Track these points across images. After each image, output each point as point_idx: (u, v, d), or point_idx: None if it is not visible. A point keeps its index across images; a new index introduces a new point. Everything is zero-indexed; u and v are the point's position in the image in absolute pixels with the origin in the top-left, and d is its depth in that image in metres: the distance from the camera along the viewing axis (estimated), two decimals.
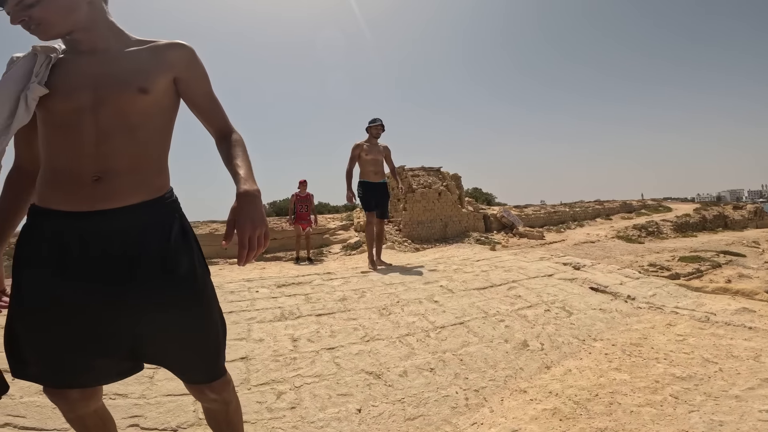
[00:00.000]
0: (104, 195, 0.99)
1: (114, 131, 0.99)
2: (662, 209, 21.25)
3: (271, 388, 2.00)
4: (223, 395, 1.16)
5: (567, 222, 16.22)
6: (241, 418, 1.31)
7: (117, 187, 1.00)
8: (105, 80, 1.00)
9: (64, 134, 0.98)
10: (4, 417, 1.69)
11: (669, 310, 3.01)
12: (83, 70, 1.00)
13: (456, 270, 4.43)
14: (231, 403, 1.21)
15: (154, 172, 1.08)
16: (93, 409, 1.15)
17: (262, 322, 2.82)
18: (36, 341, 0.99)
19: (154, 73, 1.04)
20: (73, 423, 1.16)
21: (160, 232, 1.05)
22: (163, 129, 1.11)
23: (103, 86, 0.99)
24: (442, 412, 1.83)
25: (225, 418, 1.23)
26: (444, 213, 10.69)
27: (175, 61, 1.09)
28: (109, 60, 1.03)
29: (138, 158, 1.03)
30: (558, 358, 2.31)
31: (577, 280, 3.89)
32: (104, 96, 0.99)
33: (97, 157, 0.98)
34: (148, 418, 1.74)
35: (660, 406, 1.75)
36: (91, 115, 0.97)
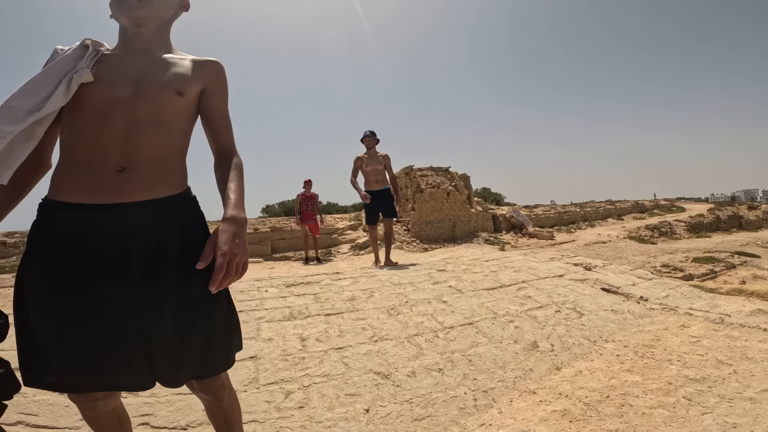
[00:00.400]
0: (128, 187, 1.01)
1: (145, 125, 1.04)
2: (675, 209, 20.95)
3: (279, 388, 2.00)
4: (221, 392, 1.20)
5: (577, 222, 16.07)
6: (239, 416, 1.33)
7: (141, 179, 1.03)
8: (147, 78, 1.07)
9: (95, 123, 1.00)
10: (17, 415, 1.71)
11: (683, 311, 2.96)
12: (128, 66, 1.07)
13: (465, 270, 4.41)
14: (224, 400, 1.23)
15: (174, 168, 1.12)
16: (111, 408, 1.16)
17: (271, 322, 2.83)
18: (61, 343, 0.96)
19: (190, 81, 1.13)
20: (90, 421, 1.14)
21: (182, 229, 1.07)
22: (186, 131, 1.16)
23: (145, 83, 1.06)
24: (450, 413, 1.81)
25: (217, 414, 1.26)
26: (452, 213, 10.65)
27: (208, 74, 1.18)
28: (154, 62, 1.11)
29: (162, 152, 1.07)
30: (568, 359, 2.28)
31: (588, 280, 3.85)
32: (144, 91, 1.05)
33: (125, 148, 1.01)
34: (158, 416, 1.75)
35: (673, 407, 1.72)
36: (127, 107, 1.02)
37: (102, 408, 1.11)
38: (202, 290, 1.03)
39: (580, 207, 18.39)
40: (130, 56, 1.09)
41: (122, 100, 1.02)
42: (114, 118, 1.00)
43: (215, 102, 1.20)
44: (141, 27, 1.11)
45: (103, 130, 1.00)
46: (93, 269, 0.96)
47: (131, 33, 1.11)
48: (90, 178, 0.98)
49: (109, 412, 1.16)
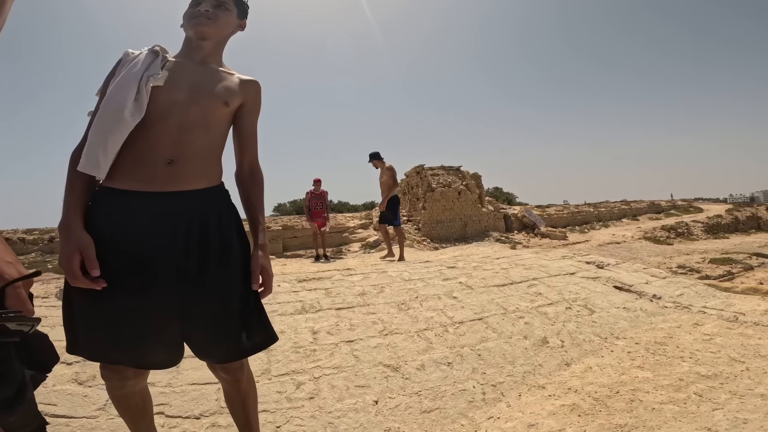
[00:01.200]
0: (174, 178, 1.13)
1: (194, 126, 1.17)
2: (693, 210, 20.57)
3: (291, 379, 2.04)
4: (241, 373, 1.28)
5: (591, 222, 15.88)
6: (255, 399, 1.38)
7: (186, 172, 1.15)
8: (201, 87, 1.21)
9: (155, 121, 1.11)
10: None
11: (696, 309, 2.93)
12: (187, 74, 1.21)
13: (475, 267, 4.41)
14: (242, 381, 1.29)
15: (213, 164, 1.25)
16: (139, 388, 1.24)
17: (284, 315, 2.87)
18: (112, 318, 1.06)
19: (235, 94, 1.27)
20: (117, 401, 1.21)
21: (218, 218, 1.20)
22: (224, 135, 1.30)
23: (199, 91, 1.20)
24: (458, 406, 1.83)
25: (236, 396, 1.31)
26: (464, 212, 10.61)
27: (249, 91, 1.32)
28: (209, 73, 1.26)
29: (204, 150, 1.20)
30: (578, 355, 2.28)
31: (600, 278, 3.82)
32: (198, 98, 1.18)
33: (175, 143, 1.13)
34: (173, 406, 1.79)
35: (683, 403, 1.71)
36: (182, 109, 1.15)
37: (131, 387, 1.19)
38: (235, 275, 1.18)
39: (594, 207, 18.15)
40: (189, 65, 1.23)
41: (179, 104, 1.15)
42: (170, 117, 1.13)
43: (249, 117, 1.34)
44: (203, 41, 1.25)
45: (159, 127, 1.12)
46: (142, 251, 1.07)
47: (194, 45, 1.26)
48: (143, 168, 1.10)
49: (136, 393, 1.23)
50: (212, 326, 1.15)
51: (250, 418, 1.34)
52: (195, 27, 1.23)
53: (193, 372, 2.02)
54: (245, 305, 1.18)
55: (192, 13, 1.23)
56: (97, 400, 1.81)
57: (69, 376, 2.04)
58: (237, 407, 1.32)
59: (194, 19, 1.22)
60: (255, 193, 1.33)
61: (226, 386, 1.30)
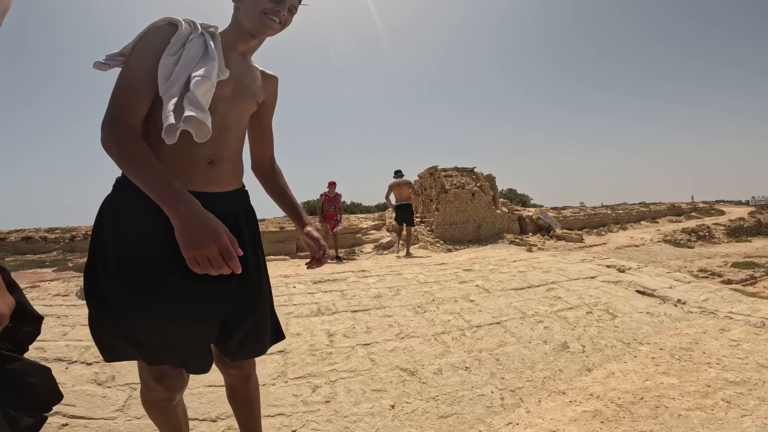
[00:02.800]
0: (213, 178, 1.09)
1: (232, 125, 1.13)
2: (714, 212, 20.08)
3: (307, 382, 2.03)
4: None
5: (608, 225, 15.60)
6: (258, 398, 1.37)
7: (223, 172, 1.12)
8: (242, 84, 1.14)
9: None
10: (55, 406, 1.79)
11: (722, 315, 2.84)
12: (232, 68, 1.10)
13: (492, 270, 4.36)
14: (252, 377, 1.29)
15: (241, 164, 1.22)
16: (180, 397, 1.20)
17: (300, 317, 2.87)
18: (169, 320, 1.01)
19: (262, 92, 1.23)
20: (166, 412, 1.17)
21: (246, 218, 1.20)
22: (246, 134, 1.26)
23: (242, 88, 1.14)
24: (476, 411, 1.79)
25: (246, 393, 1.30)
26: (477, 214, 10.52)
27: (270, 87, 1.28)
28: (248, 69, 1.19)
29: (236, 150, 1.17)
30: (600, 360, 2.22)
31: (622, 282, 3.73)
32: (239, 95, 1.13)
33: (216, 143, 1.07)
34: (190, 408, 1.79)
35: (710, 410, 1.66)
36: (226, 106, 1.09)
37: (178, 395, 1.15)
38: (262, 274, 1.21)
39: (611, 209, 17.84)
40: (234, 57, 1.13)
41: (224, 100, 1.08)
42: (215, 114, 1.04)
43: (269, 114, 1.32)
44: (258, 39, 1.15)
45: None
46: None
47: (244, 38, 1.13)
48: (185, 166, 1.04)
49: (180, 403, 1.22)
50: (253, 324, 1.17)
51: (256, 416, 1.34)
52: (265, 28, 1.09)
53: (210, 374, 2.02)
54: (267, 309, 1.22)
55: (270, 9, 1.07)
56: (116, 401, 1.83)
57: (88, 376, 2.06)
58: (243, 405, 1.30)
59: (269, 20, 1.08)
60: (284, 182, 1.37)
61: (235, 382, 1.28)
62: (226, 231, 0.89)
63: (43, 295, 3.64)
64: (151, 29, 1.00)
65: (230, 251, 0.87)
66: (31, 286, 3.99)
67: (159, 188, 0.88)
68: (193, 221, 0.86)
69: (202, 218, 0.87)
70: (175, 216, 0.86)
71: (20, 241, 10.00)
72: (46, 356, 2.26)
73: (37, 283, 4.20)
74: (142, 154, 0.91)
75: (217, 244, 0.86)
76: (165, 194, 0.87)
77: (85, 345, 2.40)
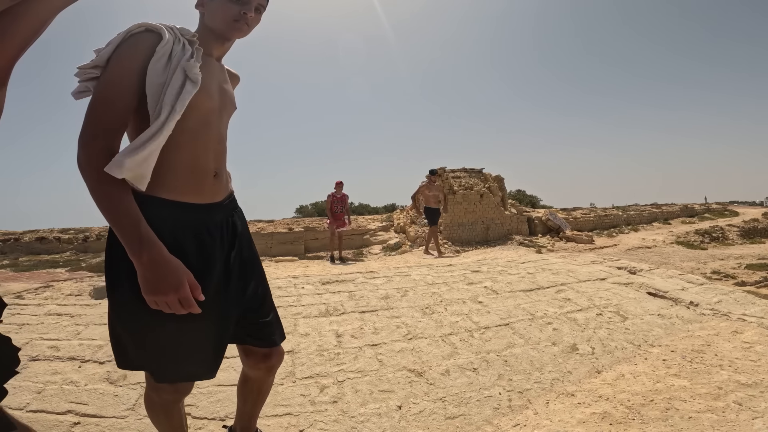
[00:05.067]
0: (218, 189, 1.11)
1: (224, 134, 1.14)
2: (728, 213, 19.74)
3: (315, 382, 2.04)
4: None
5: (620, 226, 15.41)
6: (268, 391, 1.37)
7: (222, 182, 1.13)
8: (225, 92, 1.13)
9: (202, 130, 1.03)
10: (67, 404, 1.81)
11: (736, 317, 2.79)
12: (216, 76, 1.10)
13: (500, 271, 4.34)
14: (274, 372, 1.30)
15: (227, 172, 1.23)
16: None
17: (308, 318, 2.89)
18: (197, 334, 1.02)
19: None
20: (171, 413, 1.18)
21: (242, 221, 1.23)
22: None
23: (225, 95, 1.13)
24: (483, 413, 1.79)
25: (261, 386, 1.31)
26: (486, 215, 10.46)
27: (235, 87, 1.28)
28: (224, 74, 1.17)
29: (226, 159, 1.17)
30: (610, 362, 2.20)
31: (633, 284, 3.69)
32: (226, 103, 1.13)
33: (217, 154, 1.09)
34: (199, 407, 1.81)
35: (722, 412, 1.64)
36: (218, 117, 1.09)
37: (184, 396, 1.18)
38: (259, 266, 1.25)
39: (622, 210, 17.62)
40: (213, 64, 1.09)
41: (215, 111, 1.08)
42: (211, 126, 1.06)
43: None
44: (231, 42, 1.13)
45: (207, 138, 1.05)
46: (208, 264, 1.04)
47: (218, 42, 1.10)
48: (194, 180, 1.03)
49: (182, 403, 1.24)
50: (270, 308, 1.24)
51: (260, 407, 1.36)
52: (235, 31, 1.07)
53: (219, 374, 2.04)
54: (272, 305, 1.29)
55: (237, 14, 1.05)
56: (126, 399, 1.85)
57: (101, 375, 2.09)
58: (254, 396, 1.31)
59: (237, 23, 1.06)
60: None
61: (258, 376, 1.26)
62: (189, 277, 0.90)
63: (57, 294, 3.70)
64: (127, 38, 0.91)
65: (189, 300, 0.88)
66: (45, 286, 4.05)
67: (127, 229, 0.85)
68: (154, 272, 0.85)
69: (164, 268, 0.86)
70: (137, 263, 0.86)
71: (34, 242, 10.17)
72: (59, 355, 2.30)
73: (50, 282, 4.26)
74: (116, 186, 0.85)
75: (177, 295, 0.87)
76: (132, 238, 0.85)
77: (98, 344, 2.44)
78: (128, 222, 0.85)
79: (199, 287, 0.91)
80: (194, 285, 0.91)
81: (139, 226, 0.86)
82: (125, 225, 0.85)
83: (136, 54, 0.91)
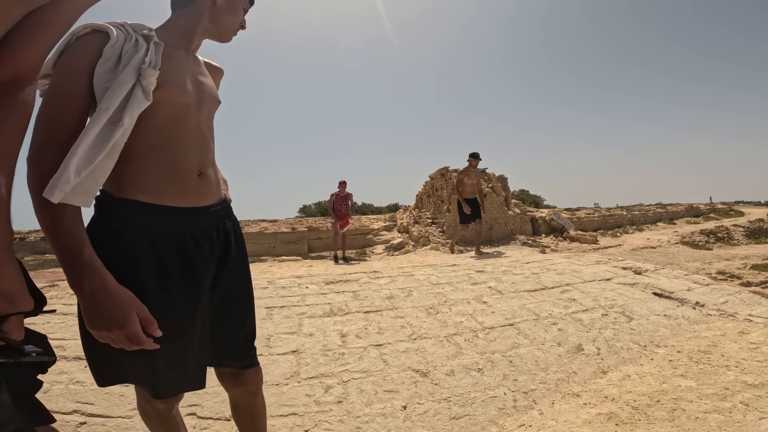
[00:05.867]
0: (205, 191, 1.04)
1: (205, 131, 1.06)
2: (733, 213, 19.63)
3: (319, 382, 2.04)
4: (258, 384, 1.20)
5: (624, 226, 15.36)
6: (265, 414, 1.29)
7: (211, 183, 1.06)
8: (204, 84, 1.07)
9: (179, 127, 0.97)
10: (73, 404, 1.81)
11: (742, 317, 2.77)
12: (189, 69, 1.03)
13: (504, 272, 4.33)
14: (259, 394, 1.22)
15: (218, 173, 1.16)
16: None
17: (312, 317, 2.89)
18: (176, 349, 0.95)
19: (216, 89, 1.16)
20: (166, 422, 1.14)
21: (233, 230, 1.14)
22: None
23: (204, 89, 1.06)
24: (488, 413, 1.78)
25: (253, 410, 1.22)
26: (489, 215, 10.44)
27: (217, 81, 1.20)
28: (200, 66, 1.11)
29: (213, 158, 1.11)
30: (616, 363, 2.19)
31: (638, 285, 3.68)
32: (205, 98, 1.06)
33: (200, 151, 1.02)
34: (204, 407, 1.81)
35: (728, 412, 1.63)
36: (196, 113, 1.02)
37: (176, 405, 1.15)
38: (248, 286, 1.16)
39: (627, 210, 17.55)
40: (186, 58, 1.03)
41: (192, 106, 1.00)
42: (190, 123, 0.99)
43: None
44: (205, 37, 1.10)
45: (184, 134, 0.98)
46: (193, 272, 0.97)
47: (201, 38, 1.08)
48: (176, 180, 0.96)
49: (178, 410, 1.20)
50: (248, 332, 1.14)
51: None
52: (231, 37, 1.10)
53: None
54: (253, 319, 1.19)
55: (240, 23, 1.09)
56: (132, 399, 1.86)
57: None
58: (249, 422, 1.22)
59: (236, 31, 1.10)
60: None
61: (242, 400, 1.20)
62: (141, 311, 0.81)
63: (62, 294, 3.72)
64: (71, 41, 0.83)
65: (138, 337, 0.79)
66: (50, 285, 4.07)
67: (65, 254, 0.76)
68: (95, 305, 0.76)
69: (107, 301, 0.77)
70: (77, 293, 0.77)
71: (40, 241, 10.24)
72: (65, 354, 2.31)
73: (55, 282, 4.29)
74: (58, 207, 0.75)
75: (124, 331, 0.78)
76: (71, 264, 0.76)
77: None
78: (68, 245, 0.76)
79: (154, 323, 0.82)
80: (147, 320, 0.81)
81: (81, 251, 0.77)
82: (64, 248, 0.76)
83: (81, 57, 0.82)
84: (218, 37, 1.10)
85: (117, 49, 0.85)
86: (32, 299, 0.65)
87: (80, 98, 0.81)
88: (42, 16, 0.62)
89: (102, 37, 0.84)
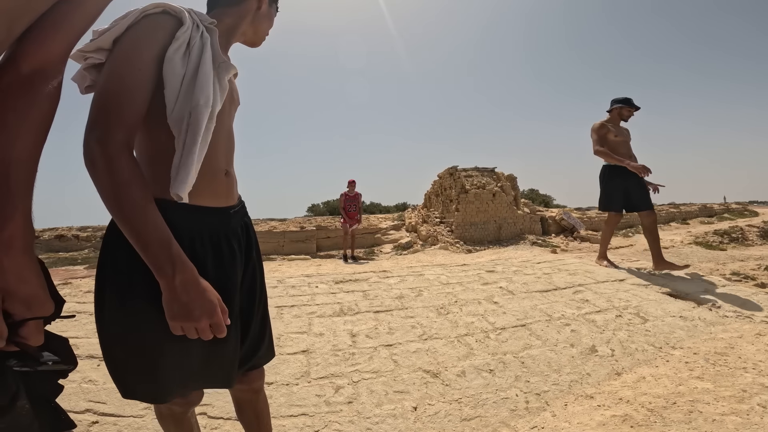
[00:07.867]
0: (231, 190, 1.05)
1: (231, 131, 1.07)
2: (748, 213, 19.28)
3: (329, 382, 2.03)
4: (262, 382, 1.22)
5: (635, 226, 15.17)
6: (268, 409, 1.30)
7: (233, 183, 1.07)
8: (233, 84, 1.07)
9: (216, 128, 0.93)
10: (86, 403, 1.83)
11: (759, 319, 2.71)
12: None
13: (515, 272, 4.29)
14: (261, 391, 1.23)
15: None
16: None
17: (322, 317, 2.89)
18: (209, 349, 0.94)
19: None
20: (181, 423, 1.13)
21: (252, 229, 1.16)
22: None
23: (233, 89, 1.06)
24: (500, 414, 1.76)
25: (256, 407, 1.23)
26: (498, 214, 10.37)
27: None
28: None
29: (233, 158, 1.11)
30: (630, 365, 2.15)
31: (652, 285, 3.62)
32: (234, 98, 1.06)
33: (227, 152, 1.02)
34: (215, 407, 1.81)
35: (746, 415, 1.60)
36: (226, 113, 1.00)
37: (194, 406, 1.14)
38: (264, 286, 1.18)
39: None
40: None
41: (224, 109, 0.98)
42: (224, 122, 0.98)
43: None
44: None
45: (219, 133, 0.96)
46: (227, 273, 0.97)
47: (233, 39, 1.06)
48: (208, 180, 0.94)
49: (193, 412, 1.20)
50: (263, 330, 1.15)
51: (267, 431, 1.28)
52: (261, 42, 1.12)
53: None
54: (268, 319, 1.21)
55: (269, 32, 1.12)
56: None
57: None
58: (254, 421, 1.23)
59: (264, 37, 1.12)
60: None
61: (245, 398, 1.21)
62: (220, 302, 0.82)
63: (75, 291, 3.76)
64: (141, 19, 0.80)
65: (221, 326, 0.80)
66: (64, 283, 4.13)
67: (155, 247, 0.74)
68: (188, 295, 0.76)
69: (198, 292, 0.77)
70: (168, 287, 0.75)
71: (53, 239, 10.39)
72: (78, 353, 2.33)
73: (69, 280, 4.34)
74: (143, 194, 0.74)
75: (211, 320, 0.78)
76: (162, 257, 0.74)
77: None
78: (157, 238, 0.74)
79: (227, 311, 0.83)
80: (224, 309, 0.82)
81: (170, 244, 0.75)
82: (153, 241, 0.73)
83: (155, 38, 0.79)
84: (252, 41, 1.11)
85: (187, 36, 0.83)
86: (53, 303, 0.64)
87: (152, 79, 0.79)
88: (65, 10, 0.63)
89: (173, 20, 0.82)
